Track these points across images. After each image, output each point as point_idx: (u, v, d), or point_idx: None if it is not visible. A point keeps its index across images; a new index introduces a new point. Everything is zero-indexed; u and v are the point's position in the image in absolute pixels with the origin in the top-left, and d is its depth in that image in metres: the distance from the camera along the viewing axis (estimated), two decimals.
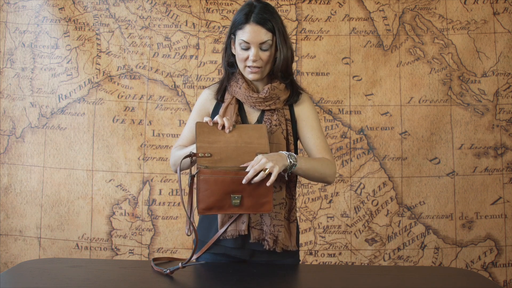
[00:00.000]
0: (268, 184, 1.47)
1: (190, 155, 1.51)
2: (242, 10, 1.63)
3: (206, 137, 1.54)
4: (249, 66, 1.64)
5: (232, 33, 1.67)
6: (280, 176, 1.59)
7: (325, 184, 1.67)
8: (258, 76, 1.65)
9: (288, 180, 1.67)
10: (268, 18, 1.60)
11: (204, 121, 1.58)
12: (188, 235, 1.55)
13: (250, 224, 1.62)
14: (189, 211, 1.54)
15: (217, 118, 1.57)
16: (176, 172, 1.66)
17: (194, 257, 1.65)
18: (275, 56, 1.66)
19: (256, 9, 1.61)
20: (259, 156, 1.48)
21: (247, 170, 1.47)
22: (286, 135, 1.68)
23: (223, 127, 1.56)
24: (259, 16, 1.59)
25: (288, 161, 1.52)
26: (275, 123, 1.66)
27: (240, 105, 1.71)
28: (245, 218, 1.62)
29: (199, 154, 1.50)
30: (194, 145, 1.57)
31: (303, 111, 1.73)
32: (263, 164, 1.46)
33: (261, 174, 1.46)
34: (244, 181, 1.46)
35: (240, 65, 1.66)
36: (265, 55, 1.62)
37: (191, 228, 1.51)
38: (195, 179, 1.48)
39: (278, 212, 1.62)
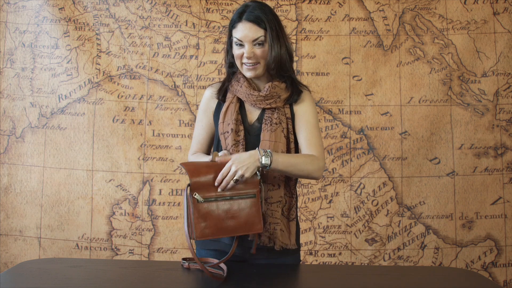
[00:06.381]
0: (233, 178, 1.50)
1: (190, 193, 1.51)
2: (238, 10, 1.68)
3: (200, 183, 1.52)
4: (244, 63, 1.66)
5: (230, 33, 1.70)
6: (278, 177, 1.63)
7: (313, 179, 1.68)
8: (254, 73, 1.67)
9: (287, 178, 1.68)
10: (260, 15, 1.63)
11: (218, 156, 1.56)
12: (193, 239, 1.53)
13: None
14: (189, 235, 1.51)
15: (218, 177, 1.52)
16: None
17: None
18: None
19: (249, 8, 1.65)
20: (229, 163, 1.51)
21: (218, 178, 1.51)
22: (286, 134, 1.68)
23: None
24: (251, 14, 1.63)
25: (260, 161, 1.53)
26: (275, 121, 1.67)
27: (241, 103, 1.73)
28: None
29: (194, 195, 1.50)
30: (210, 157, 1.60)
31: (301, 107, 1.73)
32: (234, 174, 1.50)
33: (231, 184, 1.50)
34: (219, 190, 1.51)
35: (237, 62, 1.69)
36: (259, 51, 1.64)
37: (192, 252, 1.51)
38: (191, 208, 1.49)
39: (275, 210, 1.64)
